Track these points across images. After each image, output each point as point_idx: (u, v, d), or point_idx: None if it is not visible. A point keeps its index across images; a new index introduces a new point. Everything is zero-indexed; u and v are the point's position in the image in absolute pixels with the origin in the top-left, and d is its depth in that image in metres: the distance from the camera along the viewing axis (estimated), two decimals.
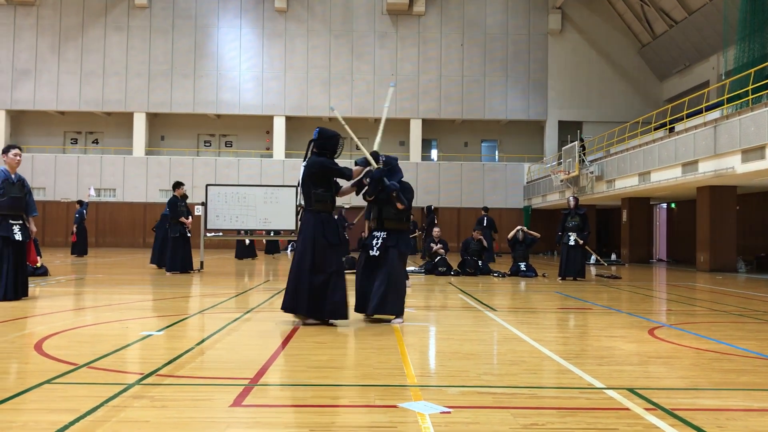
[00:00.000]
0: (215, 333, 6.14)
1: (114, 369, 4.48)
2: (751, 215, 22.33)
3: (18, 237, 8.41)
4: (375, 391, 3.98)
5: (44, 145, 33.39)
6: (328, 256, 6.58)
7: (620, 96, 33.25)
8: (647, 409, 3.60)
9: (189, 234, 14.56)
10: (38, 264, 12.62)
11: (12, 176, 8.49)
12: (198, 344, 5.54)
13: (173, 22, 32.94)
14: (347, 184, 7.18)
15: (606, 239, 31.36)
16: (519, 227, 15.88)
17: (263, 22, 33.11)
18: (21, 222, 8.53)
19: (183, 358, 4.87)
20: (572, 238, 13.91)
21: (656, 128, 22.96)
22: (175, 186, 14.85)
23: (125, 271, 15.20)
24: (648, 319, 7.66)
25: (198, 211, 16.09)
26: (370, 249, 7.04)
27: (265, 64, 33.04)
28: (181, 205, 14.55)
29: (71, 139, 34.52)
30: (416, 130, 33.28)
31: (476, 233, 15.80)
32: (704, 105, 19.25)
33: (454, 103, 33.22)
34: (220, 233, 16.70)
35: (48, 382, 4.03)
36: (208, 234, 16.28)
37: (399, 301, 6.98)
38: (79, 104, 32.75)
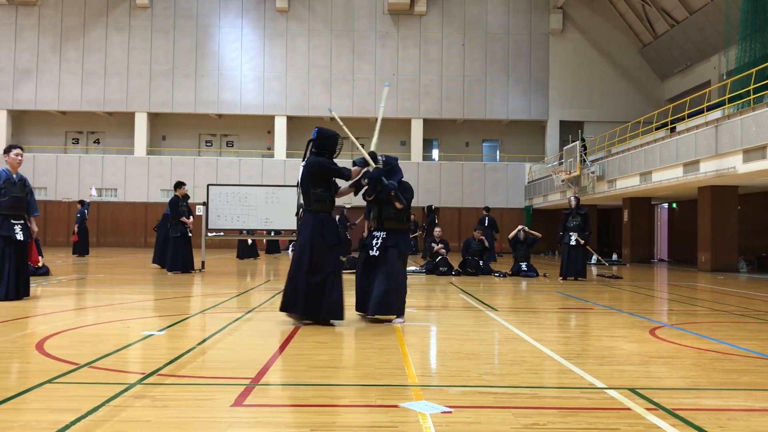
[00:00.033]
0: (216, 333, 6.14)
1: (115, 369, 4.48)
2: (753, 215, 22.30)
3: (19, 237, 8.42)
4: (376, 391, 3.98)
5: (46, 145, 33.43)
6: (326, 257, 6.57)
7: (621, 96, 33.22)
8: (648, 409, 3.60)
9: (190, 234, 14.59)
10: (40, 264, 12.64)
11: (13, 176, 8.50)
12: (199, 344, 5.54)
13: (174, 22, 32.95)
14: (345, 185, 7.18)
15: (607, 239, 31.34)
16: (520, 227, 15.84)
17: (264, 22, 33.11)
18: (22, 222, 8.54)
19: (184, 358, 4.87)
20: (573, 238, 13.91)
21: (657, 128, 22.94)
22: (177, 186, 14.87)
23: (126, 271, 15.21)
24: (649, 319, 7.66)
25: (199, 211, 16.10)
26: (370, 249, 7.05)
27: (267, 64, 33.05)
28: (183, 205, 14.57)
29: (73, 139, 34.55)
30: (417, 130, 33.27)
31: (477, 233, 15.81)
32: (705, 105, 19.24)
33: (456, 103, 33.20)
34: (222, 233, 16.72)
35: (49, 382, 4.03)
36: (210, 234, 16.29)
37: (400, 301, 6.98)
38: (81, 104, 32.78)
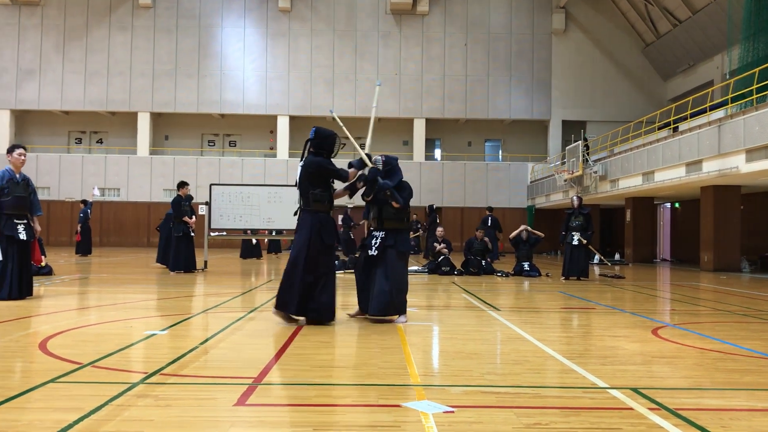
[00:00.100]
0: (219, 332, 6.15)
1: (118, 368, 4.49)
2: (755, 215, 22.27)
3: (22, 236, 8.44)
4: (378, 391, 3.99)
5: (49, 145, 33.48)
6: (323, 257, 6.59)
7: (624, 95, 33.16)
8: (651, 409, 3.60)
9: (193, 234, 14.61)
10: (43, 263, 12.67)
11: (17, 176, 8.52)
12: (202, 343, 5.55)
13: (177, 22, 32.99)
14: (340, 187, 7.17)
15: (609, 239, 31.31)
16: (523, 227, 15.85)
17: (267, 22, 33.13)
18: (25, 221, 8.56)
19: (187, 358, 4.88)
20: (576, 238, 13.90)
21: (660, 128, 22.91)
22: (180, 185, 14.89)
23: (129, 271, 15.23)
24: (651, 319, 7.65)
25: (202, 211, 16.12)
26: (369, 249, 7.07)
27: (269, 64, 33.06)
28: (185, 205, 14.60)
29: (75, 139, 34.60)
30: (420, 130, 33.26)
31: (479, 233, 15.81)
32: (708, 104, 19.22)
33: (458, 103, 33.19)
34: (224, 233, 16.73)
35: (52, 381, 4.04)
36: (212, 233, 16.31)
37: (401, 301, 6.99)
38: (84, 104, 32.82)
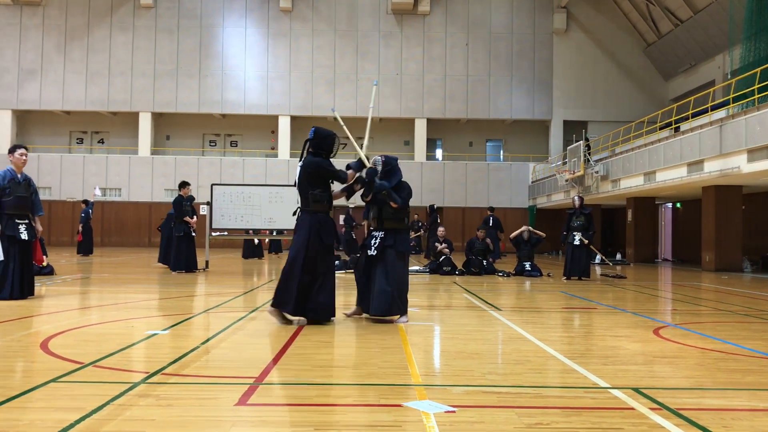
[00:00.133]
0: (220, 332, 6.16)
1: (119, 368, 4.49)
2: (757, 215, 22.24)
3: (24, 236, 8.45)
4: (379, 390, 3.99)
5: (50, 145, 33.50)
6: (321, 257, 6.59)
7: (625, 95, 33.14)
8: (652, 409, 3.60)
9: (194, 234, 14.62)
10: (44, 263, 12.68)
11: (18, 176, 8.52)
12: (203, 343, 5.55)
13: (178, 22, 33.00)
14: (338, 189, 7.16)
15: (611, 239, 31.29)
16: (526, 227, 15.88)
17: (268, 22, 33.14)
18: (27, 221, 8.57)
19: (188, 357, 4.88)
20: (577, 238, 13.89)
21: (661, 128, 22.89)
22: (181, 186, 14.91)
23: (130, 271, 15.24)
24: (653, 319, 7.64)
25: (203, 211, 16.13)
26: (368, 249, 7.09)
27: (270, 64, 33.07)
28: (187, 205, 14.62)
29: (77, 139, 34.62)
30: (421, 130, 33.25)
31: (480, 233, 15.82)
32: (710, 104, 19.19)
33: (459, 103, 33.18)
34: (225, 233, 16.74)
35: (54, 381, 4.04)
36: (214, 233, 16.32)
37: (402, 301, 6.99)
38: (85, 104, 32.84)
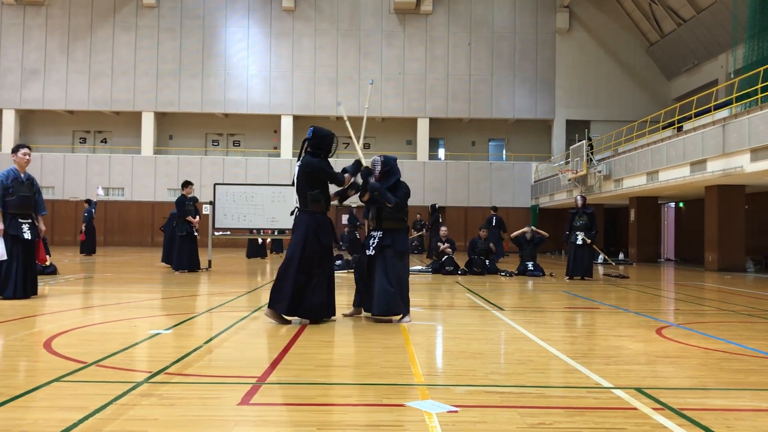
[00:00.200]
0: (223, 331, 6.16)
1: (122, 367, 4.50)
2: (760, 214, 22.19)
3: (27, 236, 8.46)
4: (382, 390, 3.99)
5: (53, 145, 33.55)
6: (318, 257, 6.60)
7: (628, 95, 33.10)
8: (655, 409, 3.59)
9: (196, 233, 14.63)
10: (47, 263, 12.68)
11: (21, 175, 8.54)
12: (206, 343, 5.56)
13: (181, 22, 33.03)
14: (332, 192, 7.17)
15: (614, 238, 31.26)
16: (529, 227, 15.89)
17: (271, 22, 33.15)
18: (30, 221, 8.58)
19: (191, 357, 4.89)
20: (580, 238, 13.88)
21: (664, 127, 22.86)
22: (184, 185, 14.93)
23: (133, 270, 15.26)
24: (656, 319, 7.64)
25: (206, 210, 16.14)
26: (367, 249, 7.12)
27: (273, 64, 33.08)
28: (189, 204, 14.63)
29: (80, 139, 34.67)
30: (423, 129, 33.24)
31: (483, 232, 15.81)
32: (713, 104, 19.16)
33: (462, 102, 33.16)
34: (228, 232, 16.76)
35: (57, 380, 4.05)
36: (216, 233, 16.34)
37: (404, 300, 7.01)
38: (88, 104, 32.88)
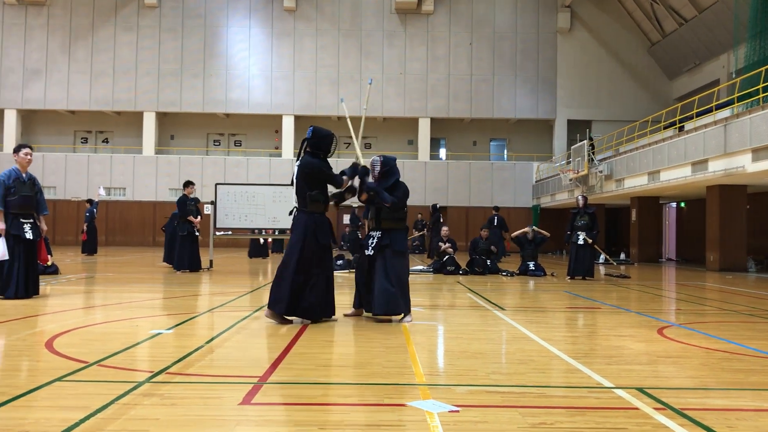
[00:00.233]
0: (224, 331, 6.17)
1: (124, 367, 4.51)
2: (762, 214, 22.18)
3: (29, 235, 8.47)
4: (383, 390, 3.99)
5: (55, 144, 33.58)
6: (316, 257, 6.61)
7: (630, 95, 33.08)
8: (656, 409, 3.59)
9: (197, 233, 14.63)
10: (49, 262, 12.69)
11: (23, 175, 8.55)
12: (207, 342, 5.56)
13: (183, 22, 33.04)
14: (330, 192, 7.17)
15: (615, 238, 31.24)
16: (531, 227, 15.89)
17: (272, 22, 33.15)
18: (32, 221, 8.59)
19: (192, 356, 4.89)
20: (581, 238, 13.87)
21: (666, 127, 22.85)
22: (185, 185, 14.93)
23: (135, 270, 15.27)
24: (657, 319, 7.63)
25: (207, 210, 16.15)
26: (366, 248, 7.14)
27: (274, 64, 33.09)
28: (191, 204, 14.63)
29: (81, 139, 34.70)
30: (425, 129, 33.23)
31: (484, 232, 15.81)
32: (714, 103, 19.15)
33: (463, 102, 33.15)
34: (229, 232, 16.76)
35: (59, 380, 4.06)
36: (218, 233, 16.35)
37: (405, 299, 7.01)
38: (90, 104, 32.90)
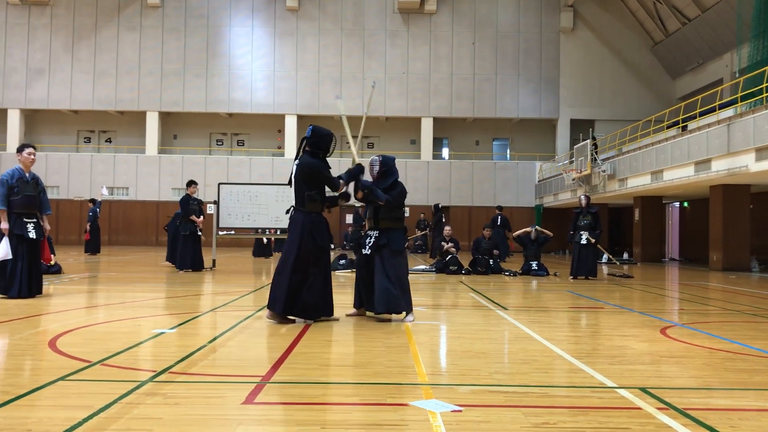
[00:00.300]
0: (227, 331, 6.17)
1: (127, 366, 4.52)
2: (765, 214, 22.13)
3: (32, 235, 8.49)
4: (386, 390, 3.99)
5: (58, 144, 33.63)
6: (313, 257, 6.62)
7: (633, 94, 33.02)
8: (659, 409, 3.59)
9: (200, 233, 14.63)
10: (52, 262, 12.71)
11: (26, 175, 8.56)
12: (210, 342, 5.57)
13: (185, 22, 33.07)
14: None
15: (618, 238, 31.19)
16: (533, 226, 15.89)
17: (275, 21, 33.17)
18: (35, 220, 8.61)
19: (195, 356, 4.90)
20: (584, 237, 13.86)
21: (669, 126, 22.81)
22: (188, 184, 14.94)
23: (138, 269, 15.29)
24: (660, 319, 7.62)
25: (210, 210, 16.16)
26: (363, 248, 7.15)
27: (277, 63, 33.11)
28: (194, 204, 14.64)
29: (85, 138, 34.75)
30: (427, 129, 33.22)
31: (486, 232, 15.81)
32: (717, 103, 19.12)
33: (466, 102, 33.13)
34: (232, 231, 16.78)
35: (62, 379, 4.07)
36: (220, 232, 16.37)
37: (406, 299, 7.02)
38: (93, 103, 32.95)
